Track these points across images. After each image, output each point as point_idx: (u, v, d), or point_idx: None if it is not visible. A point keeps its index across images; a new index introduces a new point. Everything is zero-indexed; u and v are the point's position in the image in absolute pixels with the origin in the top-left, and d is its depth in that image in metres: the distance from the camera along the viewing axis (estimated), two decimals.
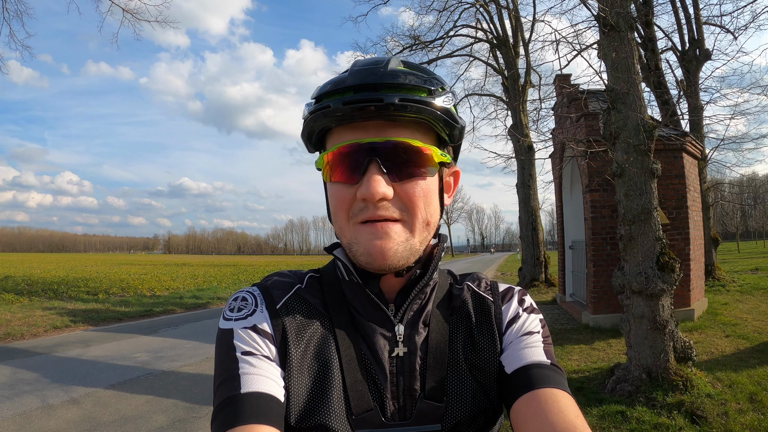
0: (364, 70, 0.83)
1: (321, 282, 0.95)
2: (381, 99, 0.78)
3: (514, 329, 0.92)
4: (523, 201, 18.38)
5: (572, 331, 9.48)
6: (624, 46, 5.47)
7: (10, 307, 14.35)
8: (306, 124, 0.86)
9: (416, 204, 0.83)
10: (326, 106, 0.81)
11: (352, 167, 0.82)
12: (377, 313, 0.89)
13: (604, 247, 9.54)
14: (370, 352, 0.87)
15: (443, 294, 0.96)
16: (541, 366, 0.85)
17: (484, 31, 19.44)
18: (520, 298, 0.97)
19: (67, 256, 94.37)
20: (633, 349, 5.51)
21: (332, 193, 0.86)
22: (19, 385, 7.14)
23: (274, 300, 0.90)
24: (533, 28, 17.60)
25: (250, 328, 0.85)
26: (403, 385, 0.86)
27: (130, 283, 23.28)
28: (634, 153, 5.66)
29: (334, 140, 0.85)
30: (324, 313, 0.90)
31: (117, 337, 10.93)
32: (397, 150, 0.82)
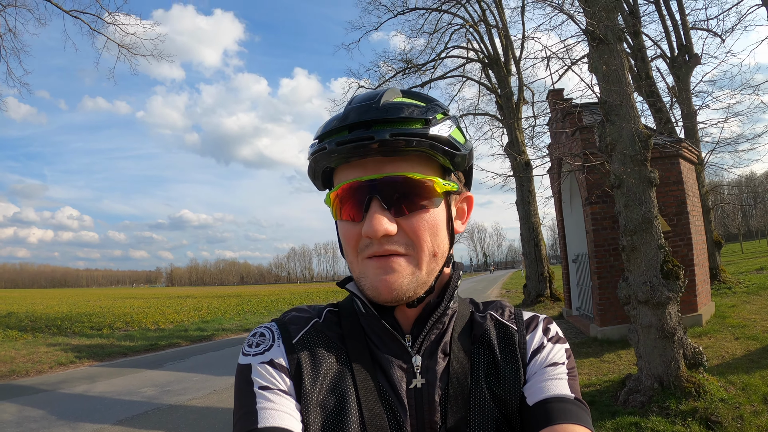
0: (359, 108, 0.83)
1: (339, 316, 0.95)
2: (372, 137, 0.78)
3: (538, 360, 0.89)
4: (523, 218, 18.39)
5: (581, 344, 9.42)
6: (614, 59, 5.55)
7: (14, 344, 14.25)
8: (309, 164, 0.88)
9: (421, 237, 0.83)
10: (323, 147, 0.82)
11: (355, 205, 0.83)
12: (393, 344, 0.88)
13: (607, 259, 9.53)
14: (388, 384, 0.86)
15: (464, 323, 0.94)
16: (563, 400, 0.82)
17: (476, 51, 19.68)
18: (545, 327, 0.94)
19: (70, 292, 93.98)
20: (643, 359, 5.47)
21: (341, 230, 0.87)
22: (26, 422, 7.08)
23: (291, 335, 0.90)
24: (523, 45, 17.84)
25: (267, 362, 0.86)
26: (424, 418, 0.85)
27: (134, 317, 23.10)
28: (631, 164, 5.70)
29: (339, 178, 0.86)
30: (341, 346, 0.90)
31: (123, 372, 10.85)
32: (396, 185, 0.81)
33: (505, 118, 18.69)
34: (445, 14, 19.64)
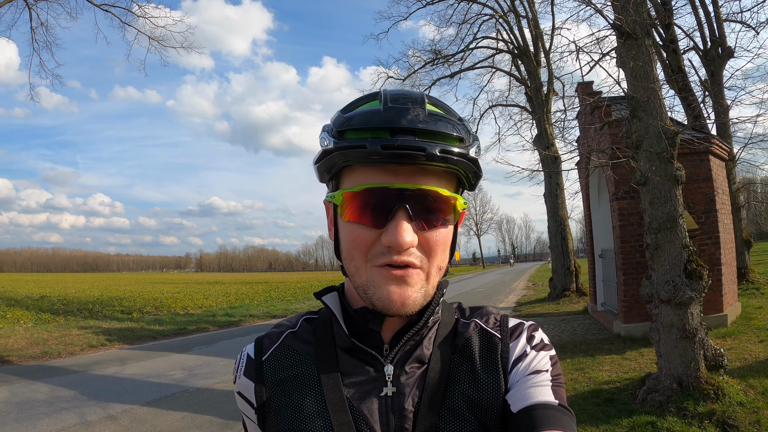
0: (400, 110, 0.80)
1: (314, 324, 0.96)
2: (423, 149, 0.76)
3: (521, 367, 0.88)
4: (551, 211, 18.21)
5: (603, 341, 9.35)
6: (642, 54, 5.47)
7: (47, 327, 14.74)
8: (329, 157, 0.82)
9: (436, 252, 0.83)
10: (360, 146, 0.78)
11: (377, 212, 0.80)
12: (367, 355, 0.88)
13: (633, 255, 9.42)
14: (356, 394, 0.87)
15: (447, 331, 0.93)
16: (547, 407, 0.81)
17: (505, 42, 19.45)
18: (529, 334, 0.93)
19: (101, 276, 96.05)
20: (663, 358, 5.43)
21: (350, 232, 0.83)
22: (58, 402, 7.37)
23: (263, 350, 0.94)
24: (553, 36, 17.58)
25: (238, 393, 0.94)
26: (394, 426, 0.85)
27: (163, 302, 23.66)
28: (657, 161, 5.62)
29: (356, 178, 0.83)
30: (309, 358, 0.91)
31: (152, 355, 11.18)
32: (427, 198, 0.81)
33: (534, 110, 18.47)
34: (475, 4, 19.45)
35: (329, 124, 0.86)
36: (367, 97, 0.89)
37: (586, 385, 6.63)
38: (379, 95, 0.86)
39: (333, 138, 0.82)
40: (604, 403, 5.81)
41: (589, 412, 5.57)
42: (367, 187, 0.80)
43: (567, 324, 12.00)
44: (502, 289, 27.51)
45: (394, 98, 0.83)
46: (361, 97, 0.90)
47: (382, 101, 0.83)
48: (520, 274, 46.10)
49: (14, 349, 11.36)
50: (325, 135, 0.84)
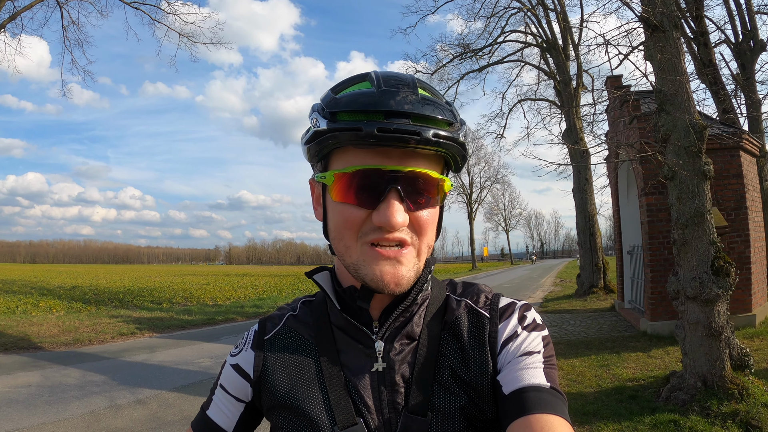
0: (394, 93, 0.81)
1: (311, 306, 1.00)
2: (418, 133, 0.78)
3: (511, 348, 0.88)
4: (579, 206, 17.95)
5: (629, 338, 9.22)
6: (669, 47, 5.36)
7: (79, 315, 15.11)
8: (322, 138, 0.83)
9: (426, 230, 0.86)
10: (356, 128, 0.78)
11: (369, 192, 0.82)
12: (358, 332, 0.91)
13: (661, 252, 9.25)
14: (351, 369, 0.90)
15: (437, 308, 0.95)
16: (538, 389, 0.81)
17: (533, 35, 19.21)
18: (521, 315, 0.92)
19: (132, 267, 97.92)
20: (688, 356, 5.34)
21: (340, 212, 0.85)
22: (89, 386, 7.60)
23: (266, 331, 0.99)
24: (582, 29, 17.28)
25: (233, 365, 0.99)
26: (386, 400, 0.87)
27: (192, 293, 24.06)
28: (685, 155, 5.51)
29: (347, 159, 0.83)
30: (308, 337, 0.95)
31: (180, 343, 11.41)
32: (417, 180, 0.83)
33: (563, 105, 18.22)
34: None
35: (319, 104, 0.87)
36: (356, 78, 0.90)
37: (610, 382, 6.57)
38: (370, 77, 0.88)
39: (325, 119, 0.82)
40: (628, 400, 5.75)
41: (611, 409, 5.52)
42: (360, 168, 0.81)
43: (593, 321, 11.87)
44: (530, 285, 27.24)
45: (386, 81, 0.84)
46: (350, 78, 0.91)
47: (375, 83, 0.84)
48: (548, 270, 45.63)
49: (47, 336, 11.68)
50: (317, 115, 0.85)
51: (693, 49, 5.67)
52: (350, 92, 0.84)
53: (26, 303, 17.71)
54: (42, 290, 24.13)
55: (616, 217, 13.28)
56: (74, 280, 35.39)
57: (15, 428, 5.74)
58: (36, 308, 16.34)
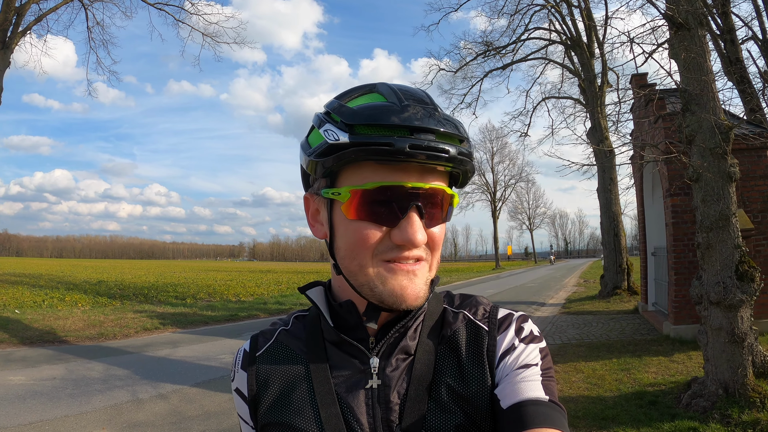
0: (417, 109, 0.80)
1: (304, 321, 0.98)
2: (447, 150, 0.78)
3: (508, 361, 0.86)
4: (604, 206, 17.69)
5: (652, 342, 9.06)
6: (694, 45, 5.23)
7: (104, 310, 15.41)
8: (342, 152, 0.79)
9: (438, 246, 0.86)
10: (386, 143, 0.76)
11: (391, 209, 0.80)
12: (353, 348, 0.89)
13: (686, 254, 9.05)
14: (344, 386, 0.88)
15: (434, 321, 0.93)
16: (537, 403, 0.79)
17: (558, 33, 18.96)
18: (518, 326, 0.91)
19: (157, 263, 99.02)
20: (710, 362, 5.23)
21: (355, 230, 0.82)
22: (112, 380, 7.75)
23: (257, 347, 0.96)
24: (606, 26, 16.96)
25: (235, 390, 0.96)
26: (380, 417, 0.85)
27: (216, 289, 24.29)
28: (710, 156, 5.39)
29: (366, 175, 0.80)
30: (299, 354, 0.93)
31: (203, 339, 11.55)
32: (436, 197, 0.82)
33: (588, 103, 17.95)
34: None
35: (329, 115, 0.84)
36: (362, 89, 0.89)
37: (630, 386, 6.47)
38: (379, 89, 0.86)
39: (345, 132, 0.79)
40: (647, 406, 5.65)
41: (630, 414, 5.43)
42: (381, 185, 0.79)
43: (616, 323, 11.70)
44: (553, 285, 26.99)
45: (406, 95, 0.83)
46: (355, 88, 0.90)
47: (393, 97, 0.82)
48: (572, 270, 45.13)
49: (72, 330, 11.93)
50: (331, 127, 0.81)
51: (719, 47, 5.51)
52: (367, 105, 0.82)
53: (52, 297, 18.06)
54: (68, 285, 24.59)
55: (641, 218, 13.06)
56: (100, 275, 35.99)
57: (39, 420, 5.87)
58: (62, 302, 16.67)
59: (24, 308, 14.73)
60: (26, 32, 13.32)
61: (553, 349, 9.21)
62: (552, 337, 10.54)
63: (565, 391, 6.53)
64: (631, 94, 11.83)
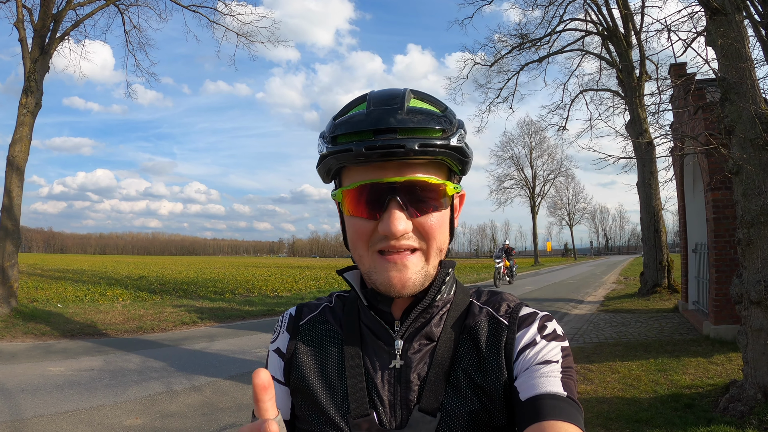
0: (381, 111, 0.87)
1: (345, 300, 1.07)
2: (403, 146, 0.83)
3: (528, 356, 0.90)
4: (644, 201, 17.16)
5: (691, 342, 8.74)
6: (732, 31, 4.97)
7: (143, 304, 15.78)
8: (325, 162, 0.91)
9: (432, 235, 0.90)
10: (347, 149, 0.85)
11: (371, 205, 0.88)
12: (380, 329, 0.96)
13: (727, 251, 8.66)
14: (371, 364, 0.95)
15: (458, 313, 0.98)
16: (555, 397, 0.82)
17: (594, 23, 18.44)
18: (541, 324, 0.94)
19: (198, 259, 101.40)
20: (749, 365, 4.98)
21: (351, 225, 0.92)
22: (147, 372, 7.94)
23: (301, 317, 1.05)
24: (644, 14, 16.37)
25: (274, 351, 1.04)
26: (399, 396, 0.91)
27: (254, 284, 24.66)
28: (751, 148, 5.14)
29: (352, 176, 0.91)
30: (338, 328, 1.01)
31: (239, 333, 11.73)
32: (415, 188, 0.88)
33: (626, 95, 17.42)
34: None
35: (324, 131, 0.94)
36: (355, 102, 0.96)
37: (666, 388, 6.25)
38: (366, 98, 0.93)
39: (327, 144, 0.90)
40: (683, 409, 5.43)
41: (665, 417, 5.25)
42: (361, 183, 0.88)
43: (655, 322, 11.35)
44: (592, 282, 26.48)
45: (377, 100, 0.90)
46: (350, 102, 0.97)
47: (367, 104, 0.91)
48: (612, 267, 44.16)
49: (112, 323, 12.28)
50: (321, 141, 0.93)
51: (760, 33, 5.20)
52: (346, 116, 0.91)
53: (94, 292, 18.61)
54: (110, 280, 25.30)
55: (681, 213, 12.61)
56: (141, 270, 36.92)
57: (75, 408, 6.07)
58: (103, 297, 17.16)
59: (66, 302, 15.19)
60: (64, 38, 13.68)
61: (590, 347, 9.03)
62: (589, 336, 10.33)
63: (599, 391, 6.36)
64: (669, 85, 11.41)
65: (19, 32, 12.67)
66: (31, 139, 12.72)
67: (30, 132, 12.64)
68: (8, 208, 12.27)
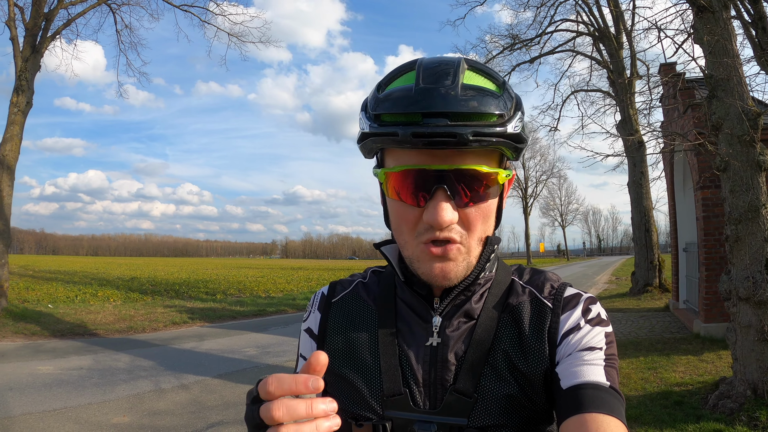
0: (432, 90, 0.79)
1: (381, 276, 1.03)
2: (455, 134, 0.75)
3: (571, 341, 0.86)
4: (635, 201, 17.22)
5: (681, 340, 8.78)
6: (719, 28, 4.99)
7: (134, 305, 15.71)
8: (366, 142, 0.84)
9: (476, 226, 0.85)
10: (392, 133, 0.78)
11: (417, 191, 0.83)
12: (419, 305, 0.93)
13: (717, 250, 8.70)
14: (406, 341, 0.92)
15: (500, 291, 0.94)
16: (597, 387, 0.78)
17: (585, 24, 18.51)
18: (585, 307, 0.89)
19: (190, 260, 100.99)
20: (738, 362, 4.99)
21: (396, 209, 0.87)
22: (136, 371, 7.92)
23: (335, 294, 1.03)
24: (634, 14, 16.45)
25: (305, 330, 1.02)
26: (435, 375, 0.88)
27: (246, 285, 24.67)
28: (738, 144, 5.15)
29: (397, 157, 0.85)
30: (371, 304, 0.98)
31: (229, 333, 11.74)
32: (465, 177, 0.82)
33: (617, 95, 17.49)
34: None
35: (366, 102, 0.88)
36: (404, 68, 0.88)
37: (656, 386, 6.27)
38: (417, 67, 0.85)
39: (369, 121, 0.83)
40: (672, 406, 5.44)
41: (654, 414, 5.25)
42: (406, 168, 0.82)
43: (646, 321, 11.39)
44: (584, 283, 26.61)
45: (428, 73, 0.82)
46: (398, 68, 0.89)
47: (416, 77, 0.82)
48: (604, 268, 44.35)
49: (102, 323, 12.21)
50: (362, 116, 0.86)
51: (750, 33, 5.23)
52: (393, 89, 0.84)
53: (85, 292, 18.55)
54: (101, 281, 25.25)
55: (672, 212, 12.68)
56: (133, 271, 36.84)
57: (63, 407, 6.06)
58: (94, 297, 17.09)
59: (57, 303, 15.11)
60: (55, 37, 13.60)
61: None
62: None
63: None
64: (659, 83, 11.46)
65: (11, 31, 12.61)
66: (21, 139, 12.63)
67: (21, 131, 12.55)
68: None
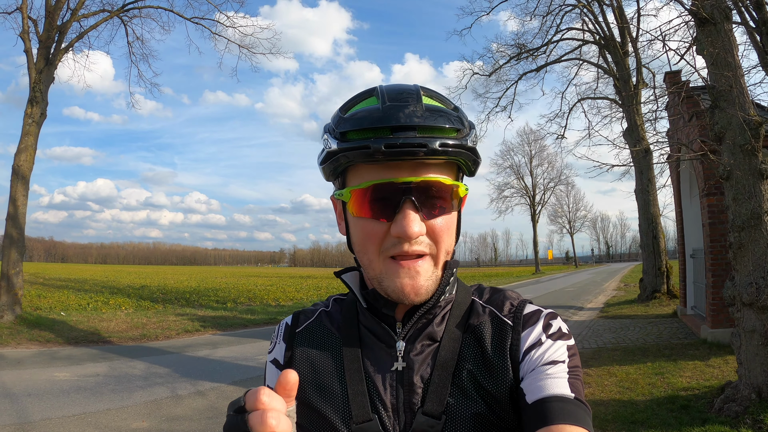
0: (399, 107, 0.83)
1: (341, 304, 1.03)
2: (425, 145, 0.80)
3: (534, 356, 0.87)
4: (642, 208, 17.25)
5: (689, 346, 8.82)
6: (720, 40, 5.11)
7: (146, 313, 15.87)
8: (334, 158, 0.86)
9: (442, 238, 0.87)
10: (364, 146, 0.81)
11: (385, 205, 0.84)
12: (381, 331, 0.93)
13: (723, 256, 8.72)
14: (372, 367, 0.92)
15: (461, 312, 0.95)
16: (562, 399, 0.79)
17: (591, 32, 18.65)
18: (546, 322, 0.91)
19: (199, 269, 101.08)
20: (743, 366, 5.07)
21: (361, 227, 0.88)
22: (152, 377, 8.06)
23: (298, 324, 1.02)
24: (639, 23, 16.58)
25: (271, 361, 1.01)
26: (402, 399, 0.88)
27: (256, 294, 24.73)
28: (740, 153, 5.25)
29: (361, 175, 0.86)
30: (336, 333, 0.97)
31: (242, 341, 11.85)
32: (430, 188, 0.84)
33: (623, 103, 17.57)
34: None
35: (330, 124, 0.90)
36: (363, 95, 0.93)
37: (663, 391, 6.33)
38: (376, 92, 0.90)
39: (336, 139, 0.85)
40: (679, 410, 5.52)
41: (660, 418, 5.33)
42: (374, 183, 0.84)
43: (654, 327, 11.42)
44: (592, 290, 26.46)
45: (391, 95, 0.86)
46: (357, 95, 0.93)
47: (380, 99, 0.86)
48: (612, 274, 44.07)
49: (115, 331, 12.38)
50: (328, 136, 0.88)
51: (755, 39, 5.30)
52: (358, 110, 0.88)
53: (97, 300, 18.73)
54: (112, 289, 25.43)
55: (679, 219, 12.72)
56: (143, 280, 37.00)
57: (82, 412, 6.19)
58: (106, 305, 17.26)
59: (69, 311, 15.30)
60: (69, 49, 13.87)
61: (588, 352, 9.08)
62: (588, 341, 10.38)
63: (596, 394, 6.44)
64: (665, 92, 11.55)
65: (25, 43, 12.87)
66: (36, 149, 12.88)
67: (35, 141, 12.80)
68: (13, 217, 12.42)
